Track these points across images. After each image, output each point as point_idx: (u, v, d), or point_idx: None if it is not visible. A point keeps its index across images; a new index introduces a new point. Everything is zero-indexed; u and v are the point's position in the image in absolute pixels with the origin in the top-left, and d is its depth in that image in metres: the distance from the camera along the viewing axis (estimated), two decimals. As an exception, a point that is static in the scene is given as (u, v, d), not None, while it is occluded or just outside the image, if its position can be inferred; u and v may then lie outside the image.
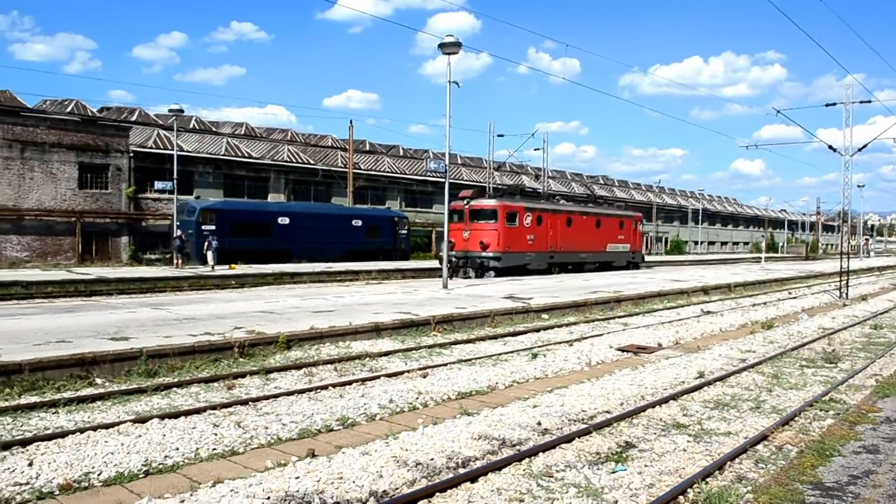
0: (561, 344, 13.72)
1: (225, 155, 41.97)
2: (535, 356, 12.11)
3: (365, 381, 9.92)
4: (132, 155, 36.26)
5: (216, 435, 7.23)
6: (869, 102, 31.54)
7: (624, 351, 13.10)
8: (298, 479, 5.83)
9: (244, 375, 10.13)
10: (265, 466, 6.29)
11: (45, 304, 17.96)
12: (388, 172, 51.45)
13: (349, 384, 9.70)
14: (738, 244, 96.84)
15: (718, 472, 6.33)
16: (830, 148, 28.22)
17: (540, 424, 7.76)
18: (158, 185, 34.55)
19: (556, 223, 32.71)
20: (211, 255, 30.55)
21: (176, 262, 31.25)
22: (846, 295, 25.69)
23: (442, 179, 27.11)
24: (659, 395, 9.35)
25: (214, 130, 46.46)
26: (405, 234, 44.77)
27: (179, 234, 32.10)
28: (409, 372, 10.57)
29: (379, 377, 10.16)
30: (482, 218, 29.86)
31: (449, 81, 22.19)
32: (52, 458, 6.38)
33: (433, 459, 6.44)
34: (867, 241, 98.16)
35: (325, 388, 9.44)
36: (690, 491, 5.78)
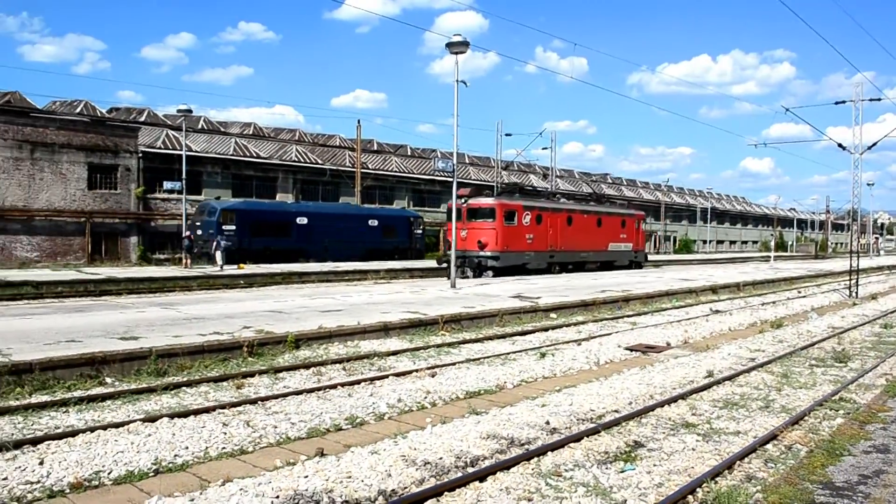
0: (569, 343, 13.71)
1: (233, 155, 42.12)
2: (543, 355, 12.09)
3: (373, 380, 9.94)
4: (141, 155, 36.45)
5: (225, 434, 7.26)
6: (879, 100, 31.43)
7: (632, 350, 13.06)
8: (307, 478, 5.85)
9: (253, 375, 10.17)
10: (274, 465, 6.31)
11: (55, 303, 18.07)
12: (396, 172, 51.48)
13: (358, 383, 9.72)
14: (746, 243, 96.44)
15: (728, 471, 6.30)
16: (840, 146, 28.03)
17: (548, 424, 7.76)
18: (167, 185, 34.67)
19: (555, 222, 32.46)
20: (220, 254, 30.68)
21: (185, 261, 31.43)
22: (856, 294, 25.55)
23: (450, 179, 27.16)
24: (668, 394, 9.33)
25: (223, 130, 46.64)
26: (420, 233, 44.87)
27: (188, 233, 32.26)
28: (417, 371, 10.59)
29: (387, 376, 10.18)
30: (480, 217, 29.59)
31: (457, 80, 22.20)
32: (62, 456, 6.42)
33: (442, 458, 6.44)
34: (877, 239, 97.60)
35: (333, 387, 9.46)
36: (699, 490, 5.76)
